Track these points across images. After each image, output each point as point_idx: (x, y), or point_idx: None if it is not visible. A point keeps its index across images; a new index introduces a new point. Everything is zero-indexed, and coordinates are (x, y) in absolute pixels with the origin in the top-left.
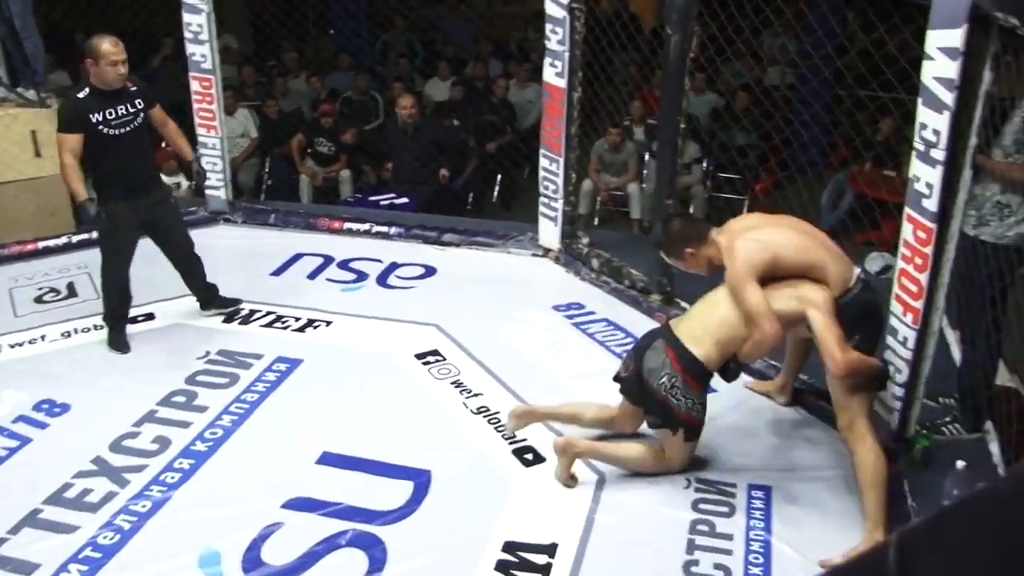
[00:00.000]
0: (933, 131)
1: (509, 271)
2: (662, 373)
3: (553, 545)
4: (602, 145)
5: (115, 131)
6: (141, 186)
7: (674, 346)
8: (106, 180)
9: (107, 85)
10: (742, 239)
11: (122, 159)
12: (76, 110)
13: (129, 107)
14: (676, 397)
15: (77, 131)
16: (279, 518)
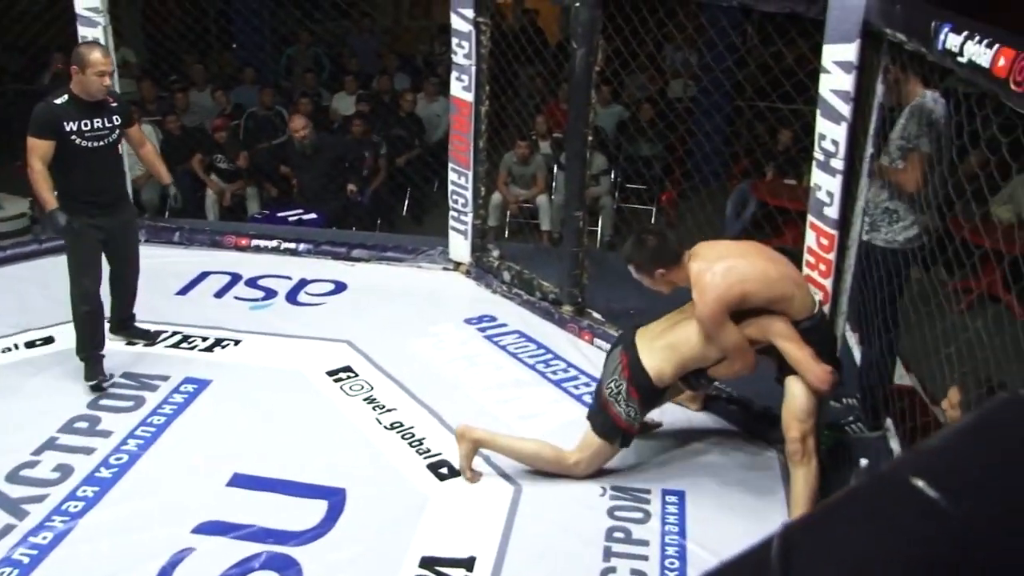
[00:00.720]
0: (832, 141)
1: (420, 285)
2: (610, 378)
3: (471, 559)
4: (511, 158)
5: (88, 143)
6: (108, 204)
7: (629, 354)
8: (72, 193)
9: (88, 95)
10: (712, 273)
11: (91, 173)
12: (50, 115)
13: (106, 121)
14: (618, 403)
15: (49, 137)
16: (189, 543)
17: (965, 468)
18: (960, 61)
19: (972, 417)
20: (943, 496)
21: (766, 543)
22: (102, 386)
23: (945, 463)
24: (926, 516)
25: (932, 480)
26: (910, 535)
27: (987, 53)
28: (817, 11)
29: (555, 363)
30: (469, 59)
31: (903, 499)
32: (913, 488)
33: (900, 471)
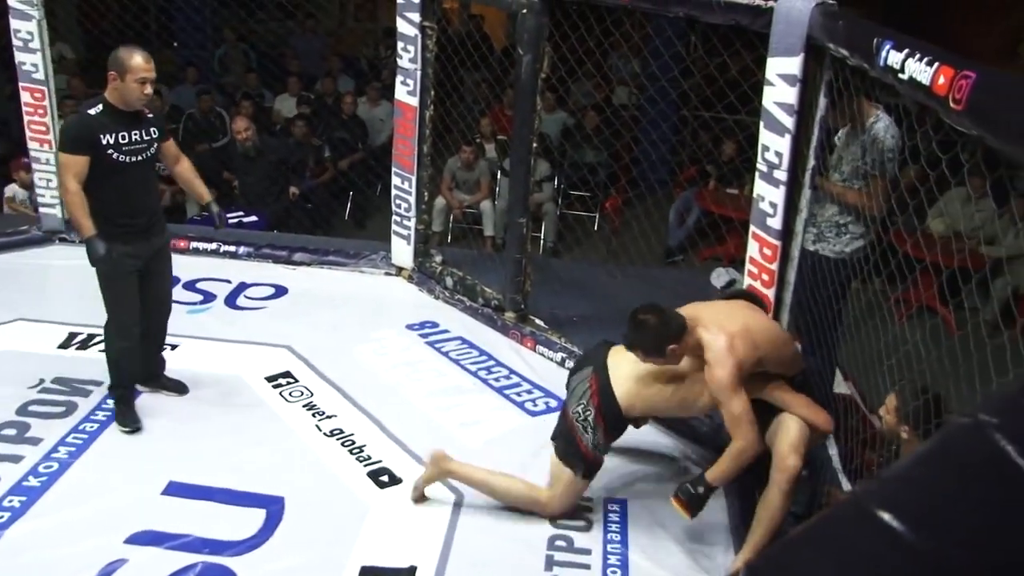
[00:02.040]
0: (775, 153)
1: (362, 290)
2: (578, 402)
3: (412, 568)
4: (455, 163)
5: (126, 158)
6: (145, 227)
7: (600, 377)
8: (107, 215)
9: (126, 105)
10: (729, 337)
11: (128, 192)
12: (85, 128)
13: (144, 134)
14: (584, 430)
15: (84, 152)
16: (122, 554)
17: (927, 498)
18: (901, 78)
19: (930, 444)
20: (907, 528)
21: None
22: (139, 429)
23: (907, 493)
24: (892, 548)
25: (895, 511)
26: (876, 567)
27: (927, 71)
28: (762, 24)
29: (497, 370)
30: (414, 63)
31: (868, 530)
32: (877, 519)
33: (863, 502)
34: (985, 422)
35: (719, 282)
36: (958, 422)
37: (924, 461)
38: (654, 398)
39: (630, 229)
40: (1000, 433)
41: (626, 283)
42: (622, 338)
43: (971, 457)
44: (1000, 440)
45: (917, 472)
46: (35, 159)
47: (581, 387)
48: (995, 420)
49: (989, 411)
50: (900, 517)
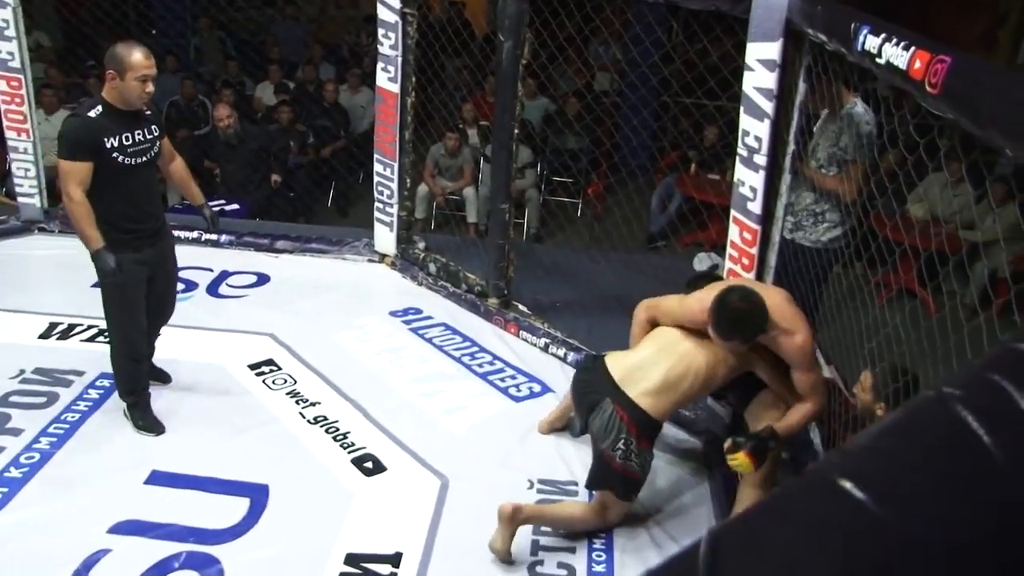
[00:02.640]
0: (755, 138)
1: (345, 278)
2: (618, 439)
3: (397, 555)
4: (438, 150)
5: (131, 160)
6: (152, 231)
7: (626, 406)
8: (113, 222)
9: (126, 104)
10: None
11: (134, 196)
12: (87, 132)
13: (147, 133)
14: (631, 461)
15: (87, 158)
16: (106, 544)
17: (889, 469)
18: (879, 62)
19: (895, 416)
20: (870, 497)
21: (694, 546)
22: (163, 431)
23: (871, 464)
24: (854, 517)
25: (858, 481)
26: (838, 536)
27: (904, 55)
28: (741, 10)
29: (481, 356)
30: (395, 50)
31: (830, 500)
32: (840, 489)
33: (826, 472)
34: (949, 394)
35: (701, 267)
36: (923, 395)
37: (887, 432)
38: (683, 398)
39: (612, 215)
40: (962, 405)
41: (609, 269)
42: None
43: (934, 428)
44: (962, 412)
45: (880, 442)
46: (12, 148)
47: (607, 423)
48: (958, 392)
49: (954, 384)
50: (862, 486)
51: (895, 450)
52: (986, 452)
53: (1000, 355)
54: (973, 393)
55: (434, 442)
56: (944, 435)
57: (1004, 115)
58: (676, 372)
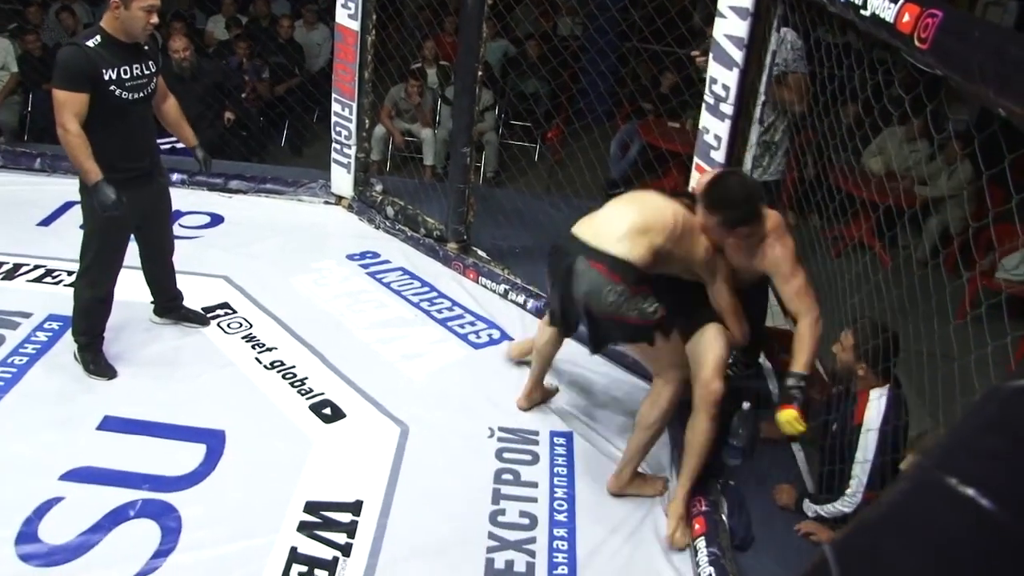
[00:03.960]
0: (723, 86)
1: (301, 220)
2: (604, 291)
3: (358, 503)
4: (399, 92)
5: (129, 95)
6: (147, 170)
7: (600, 259)
8: (109, 159)
9: (128, 36)
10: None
11: (131, 133)
12: (86, 61)
13: (145, 68)
14: (630, 311)
15: (83, 89)
16: (58, 492)
17: (1007, 472)
18: (863, 14)
19: (985, 410)
20: (995, 505)
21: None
22: (115, 375)
23: (984, 467)
24: (981, 528)
25: (978, 487)
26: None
27: (891, 8)
28: None
29: (440, 301)
30: None
31: (952, 509)
32: (960, 496)
33: (939, 474)
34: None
35: None
36: (1008, 385)
37: (985, 429)
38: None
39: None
40: None
41: (569, 214)
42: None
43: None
44: None
45: (983, 442)
46: None
47: (590, 281)
48: None
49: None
50: (985, 493)
51: (1001, 450)
52: None
53: None
54: None
55: (393, 389)
56: None
57: (996, 72)
58: (644, 218)
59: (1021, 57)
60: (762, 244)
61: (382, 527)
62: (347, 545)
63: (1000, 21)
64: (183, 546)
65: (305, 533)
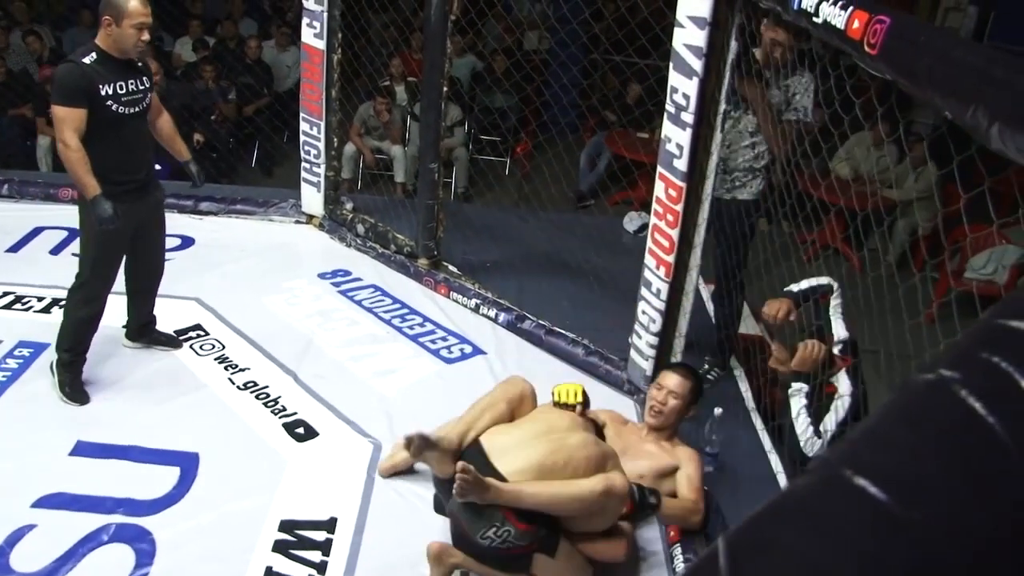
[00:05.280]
0: (683, 95)
1: (272, 239)
2: (488, 529)
3: (332, 520)
4: (367, 110)
5: (125, 110)
6: (143, 183)
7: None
8: (105, 173)
9: (121, 53)
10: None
11: (127, 147)
12: (82, 78)
13: (139, 83)
14: (514, 542)
15: (81, 105)
16: (30, 519)
17: (905, 463)
18: (816, 21)
19: (896, 402)
20: (889, 497)
21: (712, 555)
22: (87, 401)
23: (883, 458)
24: (875, 519)
25: (874, 478)
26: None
27: (842, 15)
28: None
29: (411, 318)
30: (320, 5)
31: (847, 499)
32: (854, 487)
33: (837, 466)
34: (949, 378)
35: (632, 226)
36: (921, 379)
37: (891, 420)
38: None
39: (541, 174)
40: (966, 389)
41: (538, 228)
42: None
43: (941, 416)
44: (967, 397)
45: (887, 432)
46: None
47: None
48: (958, 375)
49: (950, 366)
50: (879, 484)
51: (905, 441)
52: (1000, 443)
53: (991, 333)
54: (974, 376)
55: (366, 406)
56: (953, 423)
57: (942, 77)
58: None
59: (965, 61)
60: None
61: (356, 544)
62: (322, 563)
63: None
64: (158, 570)
65: (280, 552)
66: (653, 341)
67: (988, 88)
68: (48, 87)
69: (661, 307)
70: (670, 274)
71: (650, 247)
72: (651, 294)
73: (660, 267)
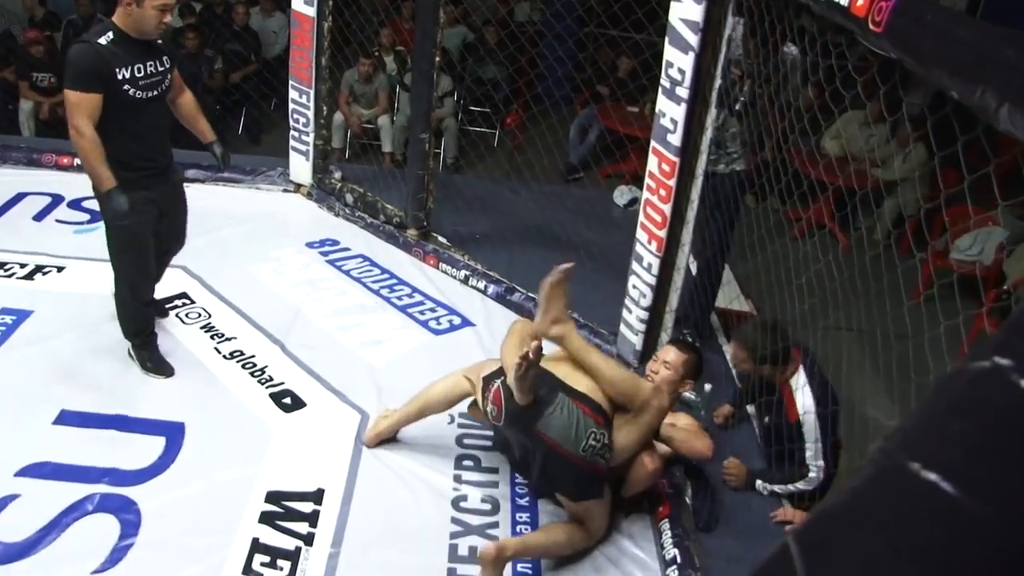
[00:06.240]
0: (679, 70)
1: (259, 208)
2: (587, 434)
3: (319, 491)
4: (352, 76)
5: (143, 94)
6: (163, 168)
7: (583, 400)
8: (123, 160)
9: (141, 34)
10: None
11: (146, 132)
12: (97, 60)
13: (159, 65)
14: (604, 457)
15: (97, 89)
16: (14, 488)
17: (972, 456)
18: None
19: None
20: (960, 491)
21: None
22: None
23: (948, 451)
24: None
25: (942, 472)
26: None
27: None
28: None
29: (400, 288)
30: None
31: (916, 496)
32: (923, 481)
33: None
34: (1004, 366)
35: (622, 200)
36: (975, 367)
37: (949, 412)
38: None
39: (532, 145)
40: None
41: (529, 200)
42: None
43: (999, 406)
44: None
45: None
46: None
47: (572, 420)
48: (1012, 363)
49: (1002, 353)
50: (949, 478)
51: (966, 433)
52: None
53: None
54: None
55: (353, 377)
56: (1013, 413)
57: (949, 56)
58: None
59: (971, 40)
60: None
61: (344, 515)
62: (309, 535)
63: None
64: (143, 540)
65: (267, 523)
66: (644, 316)
67: (997, 68)
68: (31, 50)
69: (652, 282)
70: (662, 249)
71: (642, 221)
72: (642, 268)
73: (652, 242)
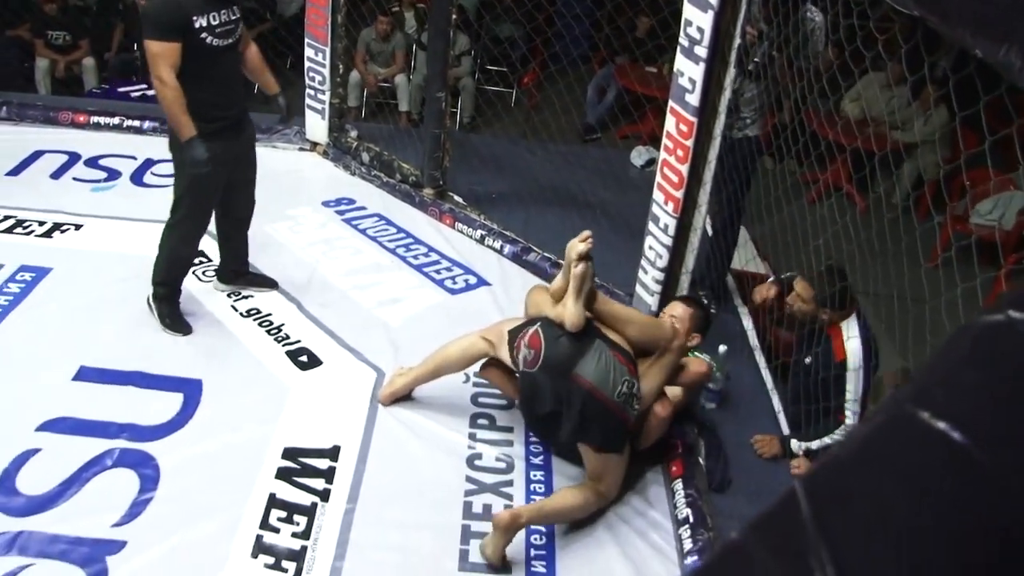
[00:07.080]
0: (698, 28)
1: (275, 167)
2: (621, 380)
3: (335, 448)
4: (369, 34)
5: (219, 42)
6: (237, 119)
7: (617, 348)
8: (201, 111)
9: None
10: None
11: (223, 81)
12: (176, 9)
13: (231, 13)
14: (633, 406)
15: (176, 39)
16: (35, 443)
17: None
18: None
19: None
20: (971, 441)
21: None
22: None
23: (960, 401)
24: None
25: (954, 421)
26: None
27: None
28: None
29: (416, 247)
30: None
31: (928, 445)
32: (935, 431)
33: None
34: (1018, 319)
35: (639, 160)
36: (988, 319)
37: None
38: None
39: (549, 105)
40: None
41: (546, 159)
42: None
43: (1013, 359)
44: None
45: (959, 375)
46: None
47: (608, 366)
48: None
49: (1017, 307)
50: (960, 428)
51: (979, 384)
52: None
53: None
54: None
55: (369, 335)
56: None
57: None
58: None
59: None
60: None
61: (360, 472)
62: (325, 491)
63: None
64: (161, 495)
65: (283, 479)
66: (659, 276)
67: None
68: (45, 8)
69: (668, 243)
70: (678, 210)
71: (659, 182)
72: (659, 229)
73: (668, 202)
